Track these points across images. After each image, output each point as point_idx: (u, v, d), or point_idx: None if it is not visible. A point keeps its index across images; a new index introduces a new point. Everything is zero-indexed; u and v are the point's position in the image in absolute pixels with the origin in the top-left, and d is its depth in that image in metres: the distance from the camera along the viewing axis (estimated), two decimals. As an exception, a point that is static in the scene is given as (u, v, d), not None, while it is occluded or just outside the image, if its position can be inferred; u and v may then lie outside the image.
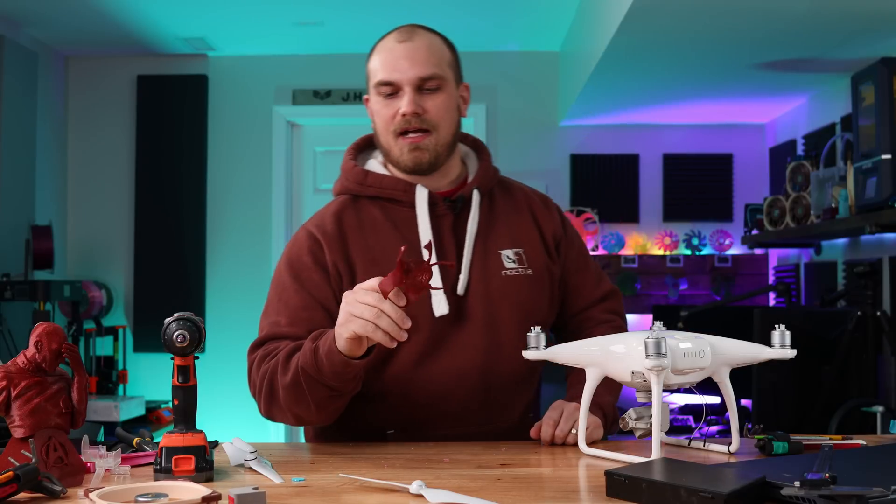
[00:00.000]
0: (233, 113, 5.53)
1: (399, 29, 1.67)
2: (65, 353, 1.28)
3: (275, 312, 1.60)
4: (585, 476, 1.33)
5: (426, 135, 1.61)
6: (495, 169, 1.79)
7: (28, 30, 4.97)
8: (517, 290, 1.66)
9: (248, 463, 1.36)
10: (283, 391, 1.49)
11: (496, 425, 1.64)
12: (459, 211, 1.67)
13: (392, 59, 1.61)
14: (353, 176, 1.69)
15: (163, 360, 1.62)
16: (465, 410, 1.61)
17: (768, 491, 1.11)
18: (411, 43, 1.62)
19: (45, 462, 1.23)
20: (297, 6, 4.61)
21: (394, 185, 1.66)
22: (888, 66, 3.12)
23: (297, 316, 1.57)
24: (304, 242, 1.64)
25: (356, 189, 1.68)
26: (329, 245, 1.62)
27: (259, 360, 1.55)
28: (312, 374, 1.44)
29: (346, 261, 1.61)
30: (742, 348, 1.42)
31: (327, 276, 1.61)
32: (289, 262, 1.64)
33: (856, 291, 3.42)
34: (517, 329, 1.62)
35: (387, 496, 1.19)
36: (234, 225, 5.45)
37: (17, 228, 4.76)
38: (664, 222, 5.52)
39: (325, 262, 1.61)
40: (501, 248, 1.68)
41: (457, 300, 1.62)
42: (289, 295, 1.60)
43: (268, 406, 1.53)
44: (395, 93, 1.61)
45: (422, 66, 1.61)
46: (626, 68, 4.16)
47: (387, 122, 1.63)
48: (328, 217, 1.66)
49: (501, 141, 5.46)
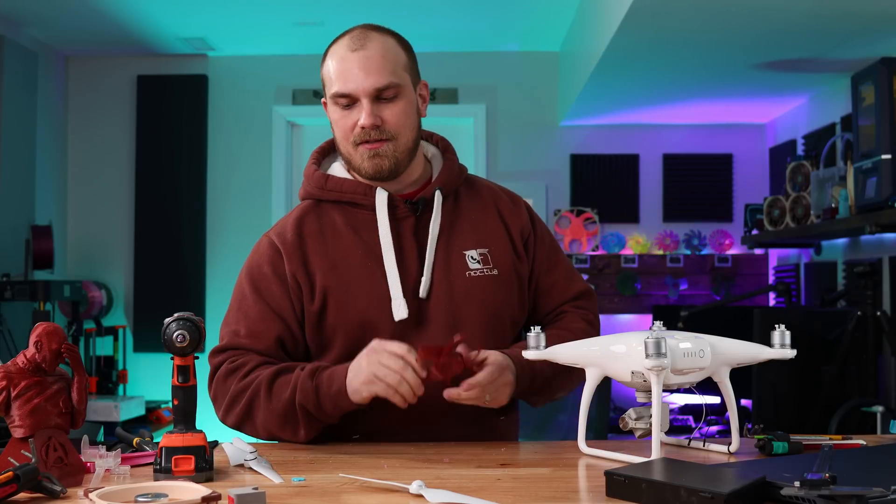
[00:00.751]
0: (233, 113, 5.53)
1: (351, 34, 1.64)
2: (65, 353, 1.28)
3: (234, 321, 1.63)
4: (585, 476, 1.33)
5: (385, 142, 1.61)
6: (461, 167, 1.76)
7: (28, 30, 4.97)
8: (482, 290, 1.64)
9: (248, 463, 1.36)
10: (267, 416, 1.53)
11: (466, 430, 1.62)
12: (421, 213, 1.66)
13: (346, 69, 1.59)
14: (314, 181, 1.70)
15: (163, 360, 1.63)
16: (431, 415, 1.58)
17: (768, 491, 1.11)
18: (364, 51, 1.59)
19: (44, 462, 1.23)
20: (297, 6, 4.61)
21: (354, 188, 1.66)
22: (888, 66, 3.13)
23: (256, 328, 1.61)
24: (265, 252, 1.66)
25: (318, 194, 1.69)
26: (289, 255, 1.63)
27: (225, 373, 1.58)
28: (312, 411, 1.51)
29: (304, 270, 1.63)
30: (742, 348, 1.42)
31: (286, 287, 1.63)
32: (249, 271, 1.66)
33: (856, 291, 3.42)
34: (484, 330, 1.62)
35: (387, 496, 1.19)
36: (234, 225, 5.45)
37: (17, 228, 4.76)
38: (664, 222, 5.52)
39: (283, 274, 1.63)
40: (465, 249, 1.66)
41: (419, 303, 1.61)
42: (248, 305, 1.63)
43: (238, 421, 1.58)
44: (353, 104, 1.60)
45: (376, 76, 1.58)
46: (626, 68, 4.15)
47: (346, 132, 1.62)
48: (290, 225, 1.68)
49: (501, 141, 5.46)
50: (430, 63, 5.73)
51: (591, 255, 5.40)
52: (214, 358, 1.62)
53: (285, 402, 1.51)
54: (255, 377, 1.55)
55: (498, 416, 1.67)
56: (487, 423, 1.66)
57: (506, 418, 1.70)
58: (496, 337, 1.65)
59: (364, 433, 1.61)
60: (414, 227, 1.65)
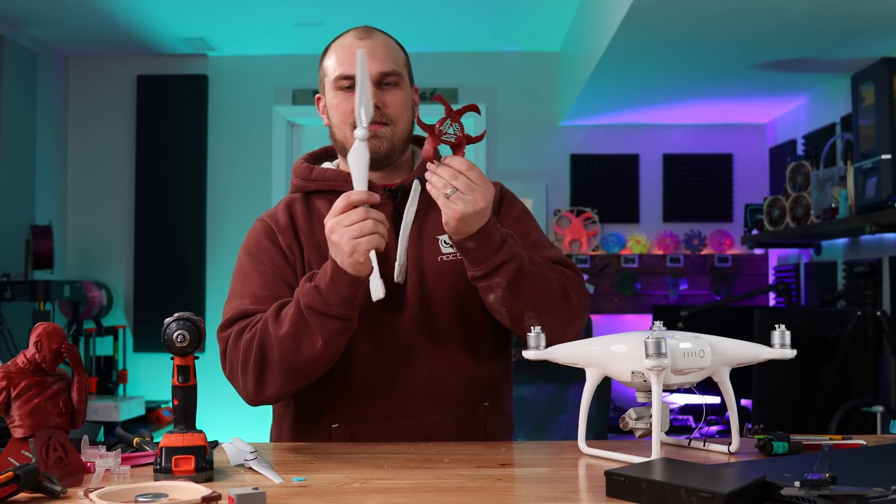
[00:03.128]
0: (233, 113, 5.53)
1: (356, 28, 1.70)
2: (65, 353, 1.28)
3: (238, 296, 1.62)
4: (585, 476, 1.33)
5: (385, 126, 1.64)
6: None
7: (28, 30, 4.97)
8: (453, 274, 1.64)
9: (248, 463, 1.36)
10: (281, 344, 1.49)
11: (444, 414, 1.63)
12: (400, 200, 1.68)
13: (353, 54, 1.62)
14: (300, 172, 1.74)
15: (163, 360, 1.62)
16: (408, 400, 1.61)
17: (768, 491, 1.11)
18: (370, 41, 1.65)
19: (45, 462, 1.23)
20: (297, 6, 4.61)
21: (335, 176, 1.69)
22: (888, 66, 3.13)
23: (261, 294, 1.61)
24: (259, 230, 1.70)
25: (303, 185, 1.73)
26: (282, 232, 1.67)
27: (235, 335, 1.56)
28: (320, 308, 1.47)
29: (297, 245, 1.67)
30: (742, 348, 1.42)
31: (284, 256, 1.65)
32: (247, 249, 1.69)
33: (856, 291, 3.42)
34: (456, 313, 1.63)
35: (387, 496, 1.19)
36: (234, 225, 5.45)
37: (17, 228, 4.76)
38: (664, 222, 5.53)
39: (280, 246, 1.66)
40: (439, 234, 1.67)
41: (395, 288, 1.62)
42: (251, 278, 1.64)
43: (258, 375, 1.52)
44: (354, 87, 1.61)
45: (382, 62, 1.63)
46: (626, 68, 4.16)
47: (345, 115, 1.64)
48: (280, 208, 1.72)
49: (501, 141, 5.46)
50: (430, 63, 5.78)
51: (591, 255, 5.40)
52: (222, 333, 1.59)
53: (293, 317, 1.49)
54: (259, 320, 1.54)
55: (481, 402, 1.67)
56: (468, 410, 1.65)
57: (489, 405, 1.69)
58: (469, 320, 1.65)
59: (342, 421, 1.62)
60: (392, 213, 1.66)
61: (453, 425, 1.63)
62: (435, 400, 1.62)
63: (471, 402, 1.66)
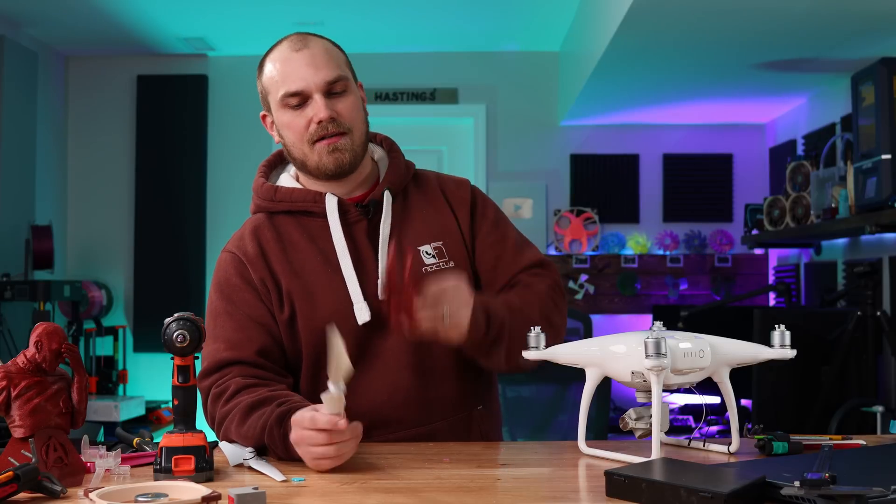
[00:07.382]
0: (233, 113, 5.53)
1: (288, 39, 1.64)
2: (65, 353, 1.28)
3: (213, 340, 1.60)
4: (585, 476, 1.33)
5: (342, 136, 1.61)
6: (408, 164, 1.75)
7: (28, 30, 4.97)
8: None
9: (247, 463, 1.36)
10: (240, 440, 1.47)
11: (440, 423, 1.62)
12: (373, 215, 1.65)
13: (293, 69, 1.59)
14: (263, 193, 1.70)
15: (163, 360, 1.62)
16: (404, 413, 1.59)
17: (768, 491, 1.11)
18: (308, 50, 1.61)
19: (45, 462, 1.23)
20: (297, 6, 4.61)
21: (303, 196, 1.66)
22: (888, 66, 3.12)
23: (235, 338, 1.58)
24: (229, 265, 1.66)
25: (269, 206, 1.69)
26: (252, 264, 1.63)
27: (212, 397, 1.55)
28: (281, 454, 1.41)
29: (271, 277, 1.62)
30: (742, 348, 1.42)
31: (257, 293, 1.62)
32: (219, 286, 1.65)
33: (856, 291, 3.42)
34: None
35: (387, 496, 1.19)
36: (234, 225, 5.38)
37: (17, 228, 4.76)
38: (664, 222, 5.53)
39: (252, 281, 1.62)
40: (419, 245, 1.65)
41: (379, 305, 1.59)
42: (223, 320, 1.61)
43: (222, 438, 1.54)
44: (304, 102, 1.60)
45: (326, 70, 1.59)
46: (626, 68, 4.16)
47: (300, 132, 1.62)
48: (247, 237, 1.68)
49: (501, 141, 5.46)
50: (430, 63, 5.77)
51: (591, 255, 5.40)
52: (202, 383, 1.58)
53: (256, 438, 1.45)
54: (234, 404, 1.51)
55: (475, 407, 1.67)
56: (464, 416, 1.65)
57: (483, 409, 1.69)
58: None
59: None
60: (367, 230, 1.64)
61: (449, 433, 1.62)
62: (430, 410, 1.61)
63: (466, 408, 1.66)
